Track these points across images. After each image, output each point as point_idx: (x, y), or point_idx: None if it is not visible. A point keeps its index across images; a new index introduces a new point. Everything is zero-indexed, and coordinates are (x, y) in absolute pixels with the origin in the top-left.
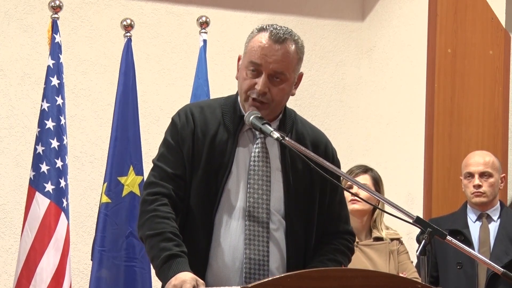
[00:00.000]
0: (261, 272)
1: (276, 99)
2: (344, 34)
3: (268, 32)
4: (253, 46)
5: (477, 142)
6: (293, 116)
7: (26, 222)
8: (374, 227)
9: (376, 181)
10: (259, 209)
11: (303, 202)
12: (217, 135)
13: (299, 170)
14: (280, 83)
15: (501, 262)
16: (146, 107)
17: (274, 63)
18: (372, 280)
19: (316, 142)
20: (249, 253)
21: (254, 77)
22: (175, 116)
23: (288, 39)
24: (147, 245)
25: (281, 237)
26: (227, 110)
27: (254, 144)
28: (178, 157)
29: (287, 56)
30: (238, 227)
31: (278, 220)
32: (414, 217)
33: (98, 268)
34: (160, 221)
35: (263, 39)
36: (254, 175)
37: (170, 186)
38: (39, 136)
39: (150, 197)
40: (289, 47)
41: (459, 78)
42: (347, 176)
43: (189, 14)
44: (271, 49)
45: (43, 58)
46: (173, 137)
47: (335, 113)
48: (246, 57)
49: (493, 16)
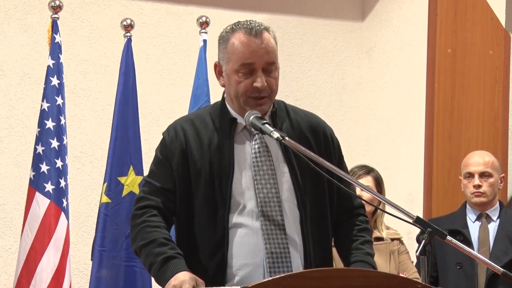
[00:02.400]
0: (285, 265)
1: (273, 88)
2: (344, 34)
3: (242, 29)
4: (236, 49)
5: (477, 142)
6: (283, 106)
7: (26, 222)
8: (375, 227)
9: (378, 182)
10: (271, 203)
11: (313, 189)
12: (212, 142)
13: (302, 159)
14: (273, 72)
15: (500, 262)
16: (146, 107)
17: (265, 55)
18: (372, 280)
19: (313, 127)
20: (270, 248)
21: (248, 77)
22: (165, 132)
23: (263, 30)
24: (142, 255)
25: (296, 227)
26: (217, 115)
27: (252, 141)
28: (167, 171)
29: (271, 45)
30: (253, 225)
31: (291, 211)
32: (414, 217)
33: (98, 268)
34: (151, 230)
35: (243, 38)
36: (259, 171)
37: (158, 199)
38: (39, 136)
39: (139, 211)
40: (268, 36)
41: (459, 78)
42: (349, 178)
43: (189, 14)
44: (256, 44)
45: (43, 58)
46: (161, 152)
47: (335, 113)
48: (232, 61)
49: (493, 16)
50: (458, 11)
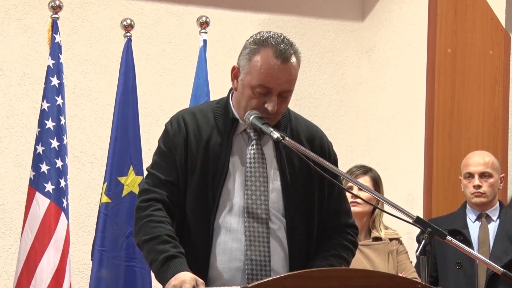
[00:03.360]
0: (263, 273)
1: (281, 111)
2: (344, 34)
3: (272, 49)
4: (259, 67)
5: (477, 142)
6: (287, 112)
7: (26, 222)
8: (373, 227)
9: (376, 182)
10: (258, 209)
11: (302, 200)
12: (211, 140)
13: (296, 168)
14: (287, 97)
15: (500, 262)
16: (146, 107)
17: (285, 84)
18: (372, 280)
19: (311, 138)
20: (251, 254)
21: (262, 96)
22: (168, 124)
23: (291, 55)
24: (144, 250)
25: (282, 236)
26: (220, 114)
27: (249, 146)
28: (171, 163)
29: (294, 73)
30: (238, 229)
31: (278, 219)
32: (414, 217)
33: (98, 268)
34: (156, 225)
35: (270, 60)
36: (251, 177)
37: (163, 192)
38: (39, 136)
39: (144, 203)
40: (294, 63)
41: (459, 78)
42: (347, 176)
43: (189, 14)
44: (281, 71)
45: (43, 58)
46: (165, 144)
47: (335, 113)
48: (251, 76)
49: (493, 16)
50: (458, 11)
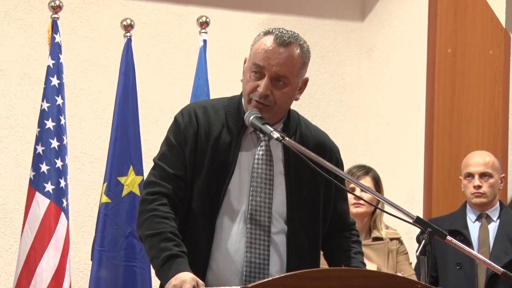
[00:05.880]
0: (261, 276)
1: (278, 102)
2: (344, 34)
3: (274, 35)
4: (257, 49)
5: (477, 142)
6: (296, 118)
7: (26, 222)
8: (374, 227)
9: (376, 182)
10: (261, 212)
11: (306, 206)
12: (220, 137)
13: (303, 174)
14: (283, 86)
15: (500, 262)
16: (146, 107)
17: (277, 66)
18: (372, 280)
19: (320, 144)
20: (250, 257)
21: (257, 79)
22: (179, 115)
23: (293, 42)
24: (146, 244)
25: (282, 241)
26: (231, 112)
27: (258, 147)
28: (180, 157)
29: (291, 60)
30: (239, 230)
31: (280, 224)
32: (414, 217)
33: (98, 268)
34: (160, 221)
35: (268, 42)
36: (257, 178)
37: (170, 186)
38: (39, 136)
39: (150, 196)
40: (294, 51)
41: (459, 78)
42: (350, 178)
43: (189, 14)
44: (275, 52)
45: (43, 58)
46: (175, 137)
47: (335, 113)
48: (250, 59)
49: (493, 16)
50: (458, 11)
